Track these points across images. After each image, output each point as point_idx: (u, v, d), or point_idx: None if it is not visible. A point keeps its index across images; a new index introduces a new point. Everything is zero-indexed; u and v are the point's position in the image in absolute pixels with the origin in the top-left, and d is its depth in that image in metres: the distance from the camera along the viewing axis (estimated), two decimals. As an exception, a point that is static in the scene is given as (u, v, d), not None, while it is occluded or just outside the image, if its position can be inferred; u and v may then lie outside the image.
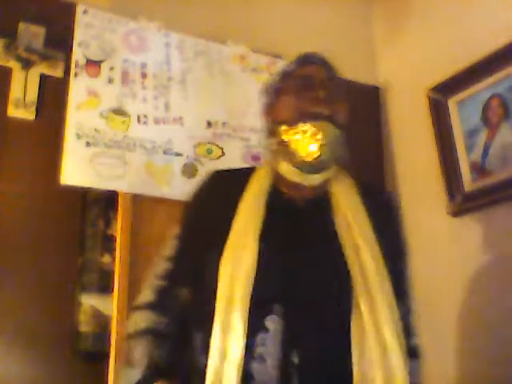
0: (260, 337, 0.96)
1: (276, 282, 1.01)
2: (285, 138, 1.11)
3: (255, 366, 0.95)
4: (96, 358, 1.52)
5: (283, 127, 1.11)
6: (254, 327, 0.97)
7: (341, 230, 1.08)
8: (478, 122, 1.88)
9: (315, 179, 1.13)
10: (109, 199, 1.67)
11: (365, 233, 1.08)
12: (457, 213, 1.91)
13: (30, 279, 1.54)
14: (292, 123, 1.09)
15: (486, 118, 1.86)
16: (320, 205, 1.13)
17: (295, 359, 0.95)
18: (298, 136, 1.08)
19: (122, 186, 1.67)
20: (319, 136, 1.07)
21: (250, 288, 0.99)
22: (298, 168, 1.11)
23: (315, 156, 1.08)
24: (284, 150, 1.12)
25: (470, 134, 1.91)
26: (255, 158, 1.93)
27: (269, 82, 1.25)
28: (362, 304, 1.00)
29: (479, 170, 1.86)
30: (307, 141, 1.07)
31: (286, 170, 1.13)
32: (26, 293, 1.53)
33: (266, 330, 0.97)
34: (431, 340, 1.92)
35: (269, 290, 1.00)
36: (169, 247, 1.16)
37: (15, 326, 1.49)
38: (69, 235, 1.63)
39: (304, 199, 1.13)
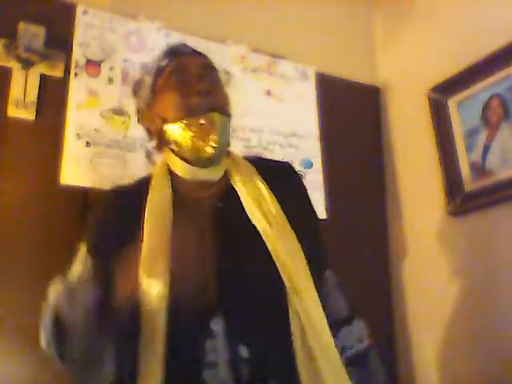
0: (210, 343, 0.95)
1: (204, 284, 0.99)
2: (175, 136, 1.07)
3: (207, 373, 0.94)
4: (96, 358, 1.52)
5: (170, 125, 1.07)
6: (201, 333, 0.95)
7: (255, 221, 1.06)
8: (478, 122, 1.88)
9: (213, 172, 1.10)
10: (109, 199, 1.67)
11: (274, 219, 1.06)
12: (457, 213, 1.91)
13: (30, 279, 1.54)
14: (178, 119, 1.06)
15: (485, 118, 1.86)
16: (228, 199, 1.10)
17: (244, 354, 0.95)
18: (188, 132, 1.05)
19: (122, 186, 1.67)
20: (211, 128, 1.04)
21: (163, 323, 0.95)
22: (194, 165, 1.08)
23: (211, 149, 1.05)
24: (176, 149, 1.09)
25: (470, 134, 1.91)
26: (255, 158, 1.93)
27: (137, 81, 1.20)
28: (293, 303, 1.01)
29: (479, 170, 1.86)
30: (200, 135, 1.04)
31: (183, 169, 1.10)
32: (25, 293, 1.52)
33: (213, 334, 0.95)
34: (431, 340, 1.92)
35: (202, 302, 0.98)
36: (76, 263, 1.14)
37: (15, 326, 1.49)
38: (69, 235, 1.62)
39: (210, 197, 1.10)
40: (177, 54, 1.14)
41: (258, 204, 1.08)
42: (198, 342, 0.95)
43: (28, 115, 1.64)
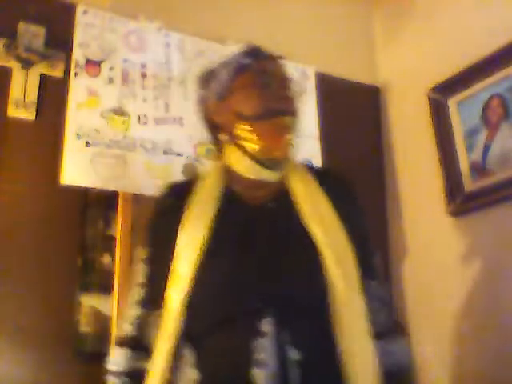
0: (258, 342, 0.96)
1: (253, 284, 1.01)
2: (248, 133, 1.08)
3: (256, 372, 0.94)
4: (96, 359, 1.52)
5: (244, 122, 1.08)
6: (251, 333, 0.96)
7: (307, 226, 1.07)
8: (478, 122, 1.88)
9: (276, 174, 1.11)
10: (109, 199, 1.67)
11: (330, 226, 1.07)
12: (457, 213, 1.91)
13: (30, 279, 1.54)
14: (257, 118, 1.07)
15: (485, 118, 1.86)
16: (281, 203, 1.11)
17: (294, 356, 0.95)
18: (263, 131, 1.07)
19: (122, 186, 1.67)
20: (286, 131, 1.08)
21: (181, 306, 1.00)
22: (260, 163, 1.09)
23: (284, 151, 1.08)
24: (246, 146, 1.09)
25: (470, 134, 1.91)
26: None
27: (207, 73, 1.21)
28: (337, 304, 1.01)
29: (479, 170, 1.86)
30: (274, 136, 1.07)
31: (246, 167, 1.11)
32: (25, 293, 1.53)
33: (262, 334, 0.96)
34: (431, 340, 1.92)
35: (252, 301, 0.99)
36: (139, 272, 1.14)
37: (15, 326, 1.49)
38: (69, 235, 1.63)
39: (263, 197, 1.12)
40: (260, 56, 1.17)
41: (315, 209, 1.09)
42: (246, 340, 0.96)
43: (28, 115, 1.64)
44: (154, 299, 1.08)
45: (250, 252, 1.04)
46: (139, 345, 1.09)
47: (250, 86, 1.11)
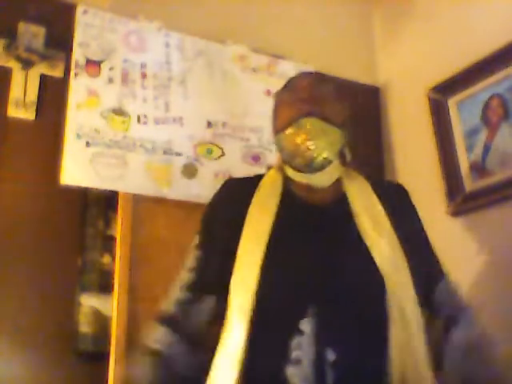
0: (296, 341, 0.96)
1: (305, 283, 1.02)
2: (280, 145, 1.13)
3: (291, 370, 0.95)
4: (96, 359, 1.52)
5: (278, 135, 1.14)
6: (289, 331, 0.97)
7: (362, 229, 1.08)
8: (478, 122, 1.88)
9: (320, 179, 1.13)
10: (109, 199, 1.67)
11: (385, 230, 1.08)
12: (457, 213, 1.91)
13: (30, 279, 1.54)
14: (283, 129, 1.11)
15: (486, 118, 1.86)
16: (338, 206, 1.13)
17: (330, 357, 0.95)
18: (289, 139, 1.09)
19: (122, 186, 1.67)
20: (307, 132, 1.08)
21: (253, 294, 1.00)
22: (298, 171, 1.13)
23: (306, 154, 1.08)
24: (284, 157, 1.15)
25: (470, 134, 1.91)
26: (255, 158, 1.93)
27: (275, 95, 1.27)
28: (393, 309, 1.01)
29: (479, 169, 1.86)
30: (298, 140, 1.08)
31: (292, 174, 1.16)
32: (25, 293, 1.53)
33: (301, 333, 0.97)
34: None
35: (299, 292, 1.01)
36: (190, 258, 1.15)
37: (15, 326, 1.49)
38: (69, 235, 1.63)
39: (321, 202, 1.14)
40: (302, 76, 1.20)
41: (370, 214, 1.10)
42: (284, 338, 0.97)
43: (28, 115, 1.64)
44: (203, 285, 1.10)
45: (307, 249, 1.05)
46: (180, 329, 1.09)
47: (280, 103, 1.17)
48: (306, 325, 0.97)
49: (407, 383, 0.98)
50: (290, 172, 1.15)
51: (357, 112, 2.23)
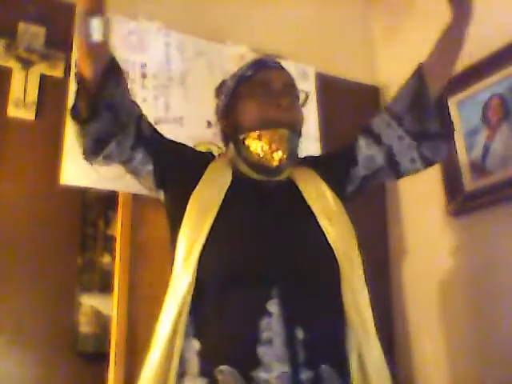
0: (265, 321, 0.99)
1: (265, 262, 1.04)
2: (245, 142, 1.14)
3: (263, 350, 0.97)
4: (96, 359, 1.52)
5: (243, 132, 1.14)
6: (258, 312, 1.00)
7: (312, 210, 1.12)
8: (478, 122, 1.88)
9: (273, 179, 1.18)
10: (109, 199, 1.67)
11: (332, 212, 1.12)
12: (457, 213, 1.91)
13: (30, 279, 1.54)
14: (253, 129, 1.12)
15: (486, 118, 1.86)
16: (287, 188, 1.17)
17: (300, 335, 0.98)
18: (259, 142, 1.11)
19: (122, 186, 1.67)
20: (281, 143, 1.11)
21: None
22: (258, 172, 1.16)
23: (276, 163, 1.12)
24: (243, 153, 1.16)
25: (470, 134, 1.91)
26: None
27: (221, 84, 1.28)
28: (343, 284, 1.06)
29: (479, 170, 1.86)
30: (269, 148, 1.11)
31: (245, 170, 1.18)
32: (25, 293, 1.53)
33: (269, 314, 0.99)
34: (431, 340, 1.92)
35: (259, 283, 1.03)
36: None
37: (15, 326, 1.49)
38: (69, 235, 1.63)
39: (270, 180, 1.18)
40: (263, 66, 1.20)
41: (318, 198, 1.14)
42: (253, 319, 0.99)
43: (28, 115, 1.64)
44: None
45: (259, 219, 1.09)
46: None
47: (249, 96, 1.16)
48: (274, 306, 1.00)
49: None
50: (244, 169, 1.18)
51: (357, 112, 2.25)
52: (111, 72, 1.08)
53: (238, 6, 2.10)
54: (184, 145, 1.29)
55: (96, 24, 1.02)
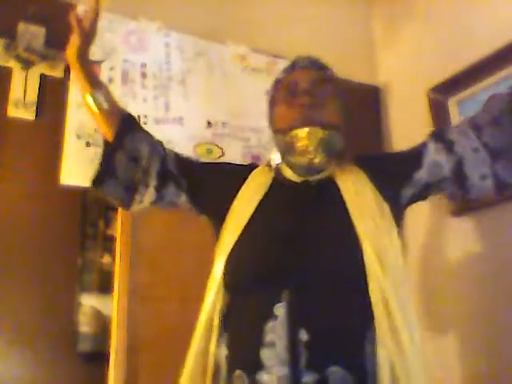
0: (270, 324, 0.99)
1: (279, 266, 1.04)
2: (281, 145, 1.16)
3: (265, 353, 0.97)
4: (96, 359, 1.52)
5: (279, 135, 1.16)
6: (264, 316, 0.99)
7: (348, 204, 1.09)
8: (478, 122, 1.88)
9: (315, 178, 1.16)
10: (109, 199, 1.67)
11: (372, 220, 1.08)
12: (457, 213, 1.91)
13: (30, 279, 1.54)
14: (286, 131, 1.13)
15: (486, 118, 1.86)
16: (326, 186, 1.15)
17: (303, 337, 0.97)
18: (291, 143, 1.12)
19: (122, 186, 1.67)
20: (307, 142, 1.10)
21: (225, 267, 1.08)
22: (297, 172, 1.16)
23: (307, 161, 1.12)
24: (283, 156, 1.18)
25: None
26: (255, 157, 1.93)
27: (269, 90, 1.28)
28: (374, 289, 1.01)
29: (479, 169, 1.86)
30: (298, 147, 1.11)
31: (287, 173, 1.19)
32: (25, 293, 1.53)
33: (275, 317, 0.99)
34: (431, 339, 1.92)
35: (273, 276, 1.03)
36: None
37: (15, 326, 1.49)
38: (69, 235, 1.63)
39: (308, 181, 1.17)
40: (294, 68, 1.20)
41: (358, 204, 1.11)
42: (259, 323, 0.99)
43: (28, 115, 1.64)
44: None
45: (284, 223, 1.09)
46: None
47: (279, 100, 1.19)
48: (280, 309, 0.99)
49: (398, 379, 0.97)
50: (288, 172, 1.18)
51: (357, 112, 2.25)
52: (125, 129, 1.19)
53: (238, 5, 2.10)
54: (218, 163, 1.35)
55: (98, 98, 1.16)
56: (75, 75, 1.19)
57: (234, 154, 1.88)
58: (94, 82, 1.17)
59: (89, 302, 1.58)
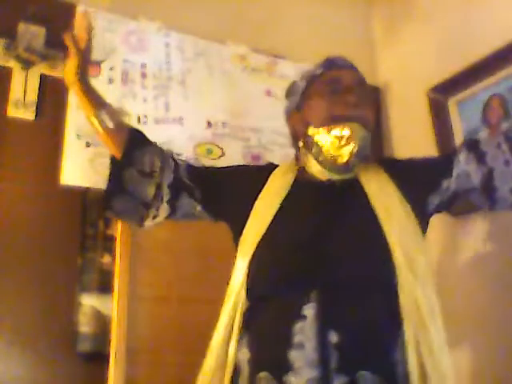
0: (298, 325, 0.97)
1: (311, 262, 1.03)
2: (316, 140, 1.13)
3: (293, 354, 0.96)
4: (96, 359, 1.52)
5: (312, 128, 1.14)
6: (292, 316, 0.98)
7: (374, 205, 1.09)
8: (478, 122, 1.88)
9: (344, 176, 1.15)
10: (109, 199, 1.67)
11: (396, 219, 1.07)
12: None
13: (30, 279, 1.54)
14: (322, 125, 1.12)
15: (486, 118, 1.86)
16: (350, 185, 1.14)
17: (333, 338, 0.96)
18: (328, 138, 1.11)
19: (122, 186, 1.67)
20: (351, 138, 1.10)
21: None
22: (328, 170, 1.14)
23: (346, 159, 1.11)
24: (315, 153, 1.15)
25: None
26: (255, 157, 1.93)
27: (291, 85, 1.27)
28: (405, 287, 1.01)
29: (479, 170, 1.86)
30: (339, 143, 1.10)
31: (315, 169, 1.16)
32: (25, 293, 1.53)
33: (303, 318, 0.98)
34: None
35: (302, 277, 1.02)
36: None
37: (15, 326, 1.49)
38: (69, 235, 1.63)
39: (331, 180, 1.16)
40: (333, 66, 1.19)
41: (383, 202, 1.10)
42: (287, 323, 0.98)
43: (28, 115, 1.64)
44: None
45: (309, 223, 1.08)
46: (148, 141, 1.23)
47: (318, 94, 1.16)
48: (309, 310, 0.98)
49: (428, 380, 0.97)
50: (313, 168, 1.16)
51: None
52: (133, 145, 1.19)
53: (238, 5, 2.10)
54: (233, 166, 1.32)
55: (103, 118, 1.16)
56: (76, 97, 1.18)
57: (234, 154, 1.88)
58: (96, 103, 1.17)
59: (89, 301, 1.58)
